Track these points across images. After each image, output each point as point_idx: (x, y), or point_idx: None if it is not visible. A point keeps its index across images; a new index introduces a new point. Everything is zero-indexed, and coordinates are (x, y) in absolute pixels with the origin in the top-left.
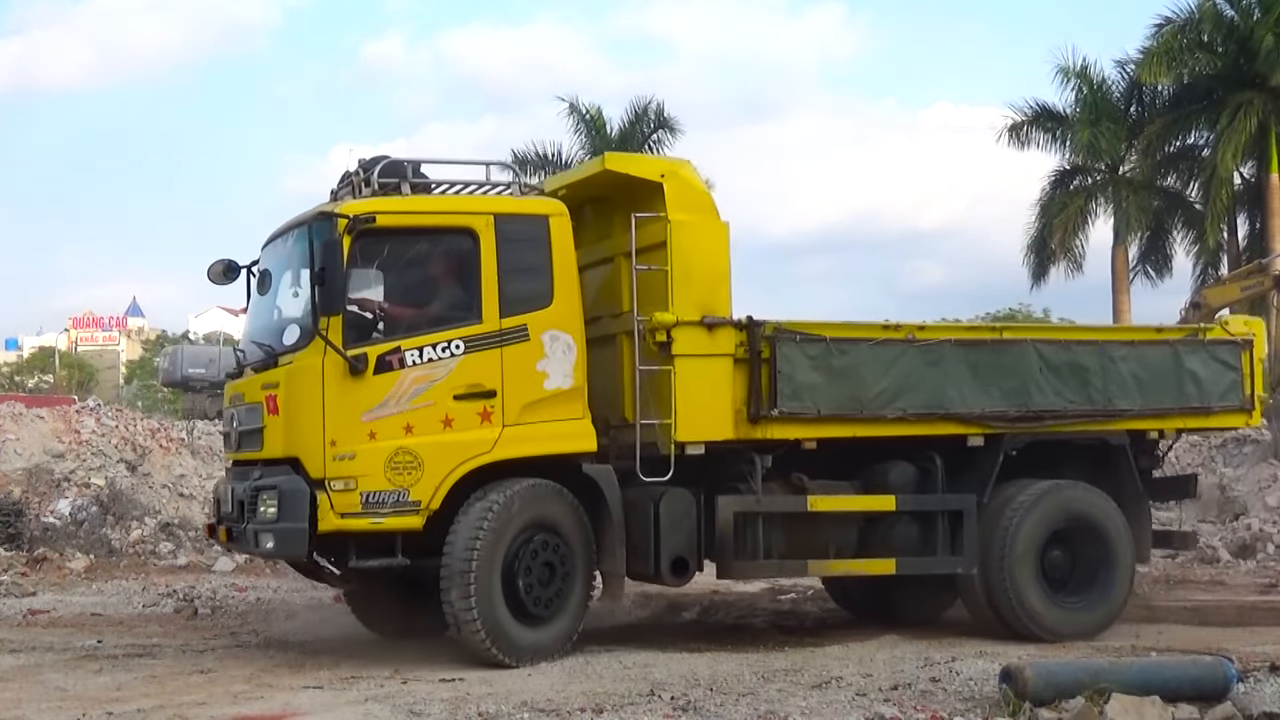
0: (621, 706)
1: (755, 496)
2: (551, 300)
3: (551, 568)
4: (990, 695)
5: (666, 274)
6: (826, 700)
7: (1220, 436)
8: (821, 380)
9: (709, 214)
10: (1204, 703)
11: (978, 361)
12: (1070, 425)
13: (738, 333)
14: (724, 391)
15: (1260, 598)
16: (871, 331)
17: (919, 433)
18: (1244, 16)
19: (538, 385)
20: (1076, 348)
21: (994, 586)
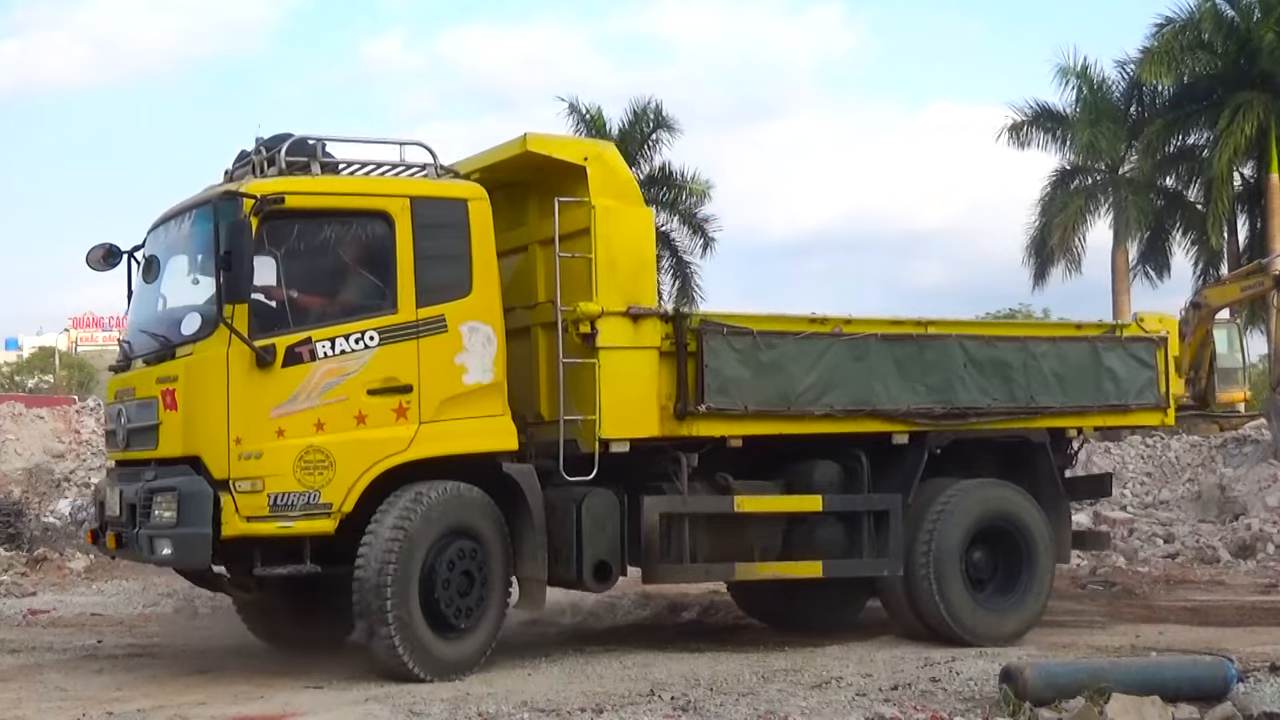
0: (621, 706)
1: (681, 497)
2: (470, 290)
3: (470, 576)
4: (990, 695)
5: (590, 262)
6: (826, 700)
7: (1221, 436)
8: (749, 375)
9: (633, 200)
10: (1204, 703)
11: (903, 357)
12: (994, 423)
13: (663, 324)
14: (649, 386)
15: (1260, 598)
16: (798, 324)
17: (845, 430)
18: (1244, 16)
19: (456, 380)
20: (1000, 344)
21: (917, 589)
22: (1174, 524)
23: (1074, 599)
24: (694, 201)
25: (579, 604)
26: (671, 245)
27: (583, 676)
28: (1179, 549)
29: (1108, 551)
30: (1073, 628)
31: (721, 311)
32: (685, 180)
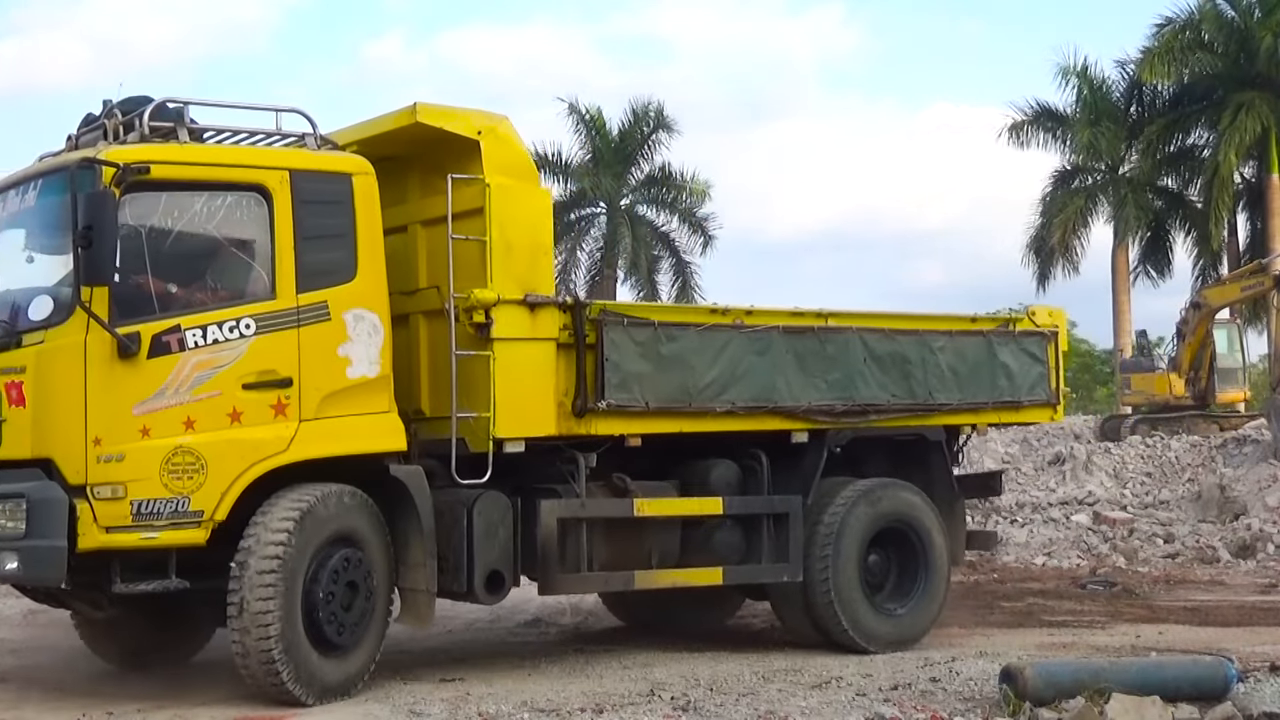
0: (621, 706)
1: (580, 500)
2: (355, 274)
3: (355, 588)
4: (990, 695)
5: (484, 245)
6: (826, 700)
7: (1221, 436)
8: (649, 369)
9: (529, 178)
10: (1204, 703)
11: (804, 351)
12: (893, 420)
13: (561, 314)
14: (547, 381)
15: (1260, 598)
16: (699, 315)
17: (747, 428)
18: (1244, 17)
19: (340, 373)
20: (899, 338)
21: (815, 595)
22: (1174, 524)
23: (1074, 599)
24: (694, 201)
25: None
26: (671, 245)
27: (583, 676)
28: (1179, 549)
29: (992, 551)
30: (1073, 628)
31: (621, 301)
32: (685, 180)
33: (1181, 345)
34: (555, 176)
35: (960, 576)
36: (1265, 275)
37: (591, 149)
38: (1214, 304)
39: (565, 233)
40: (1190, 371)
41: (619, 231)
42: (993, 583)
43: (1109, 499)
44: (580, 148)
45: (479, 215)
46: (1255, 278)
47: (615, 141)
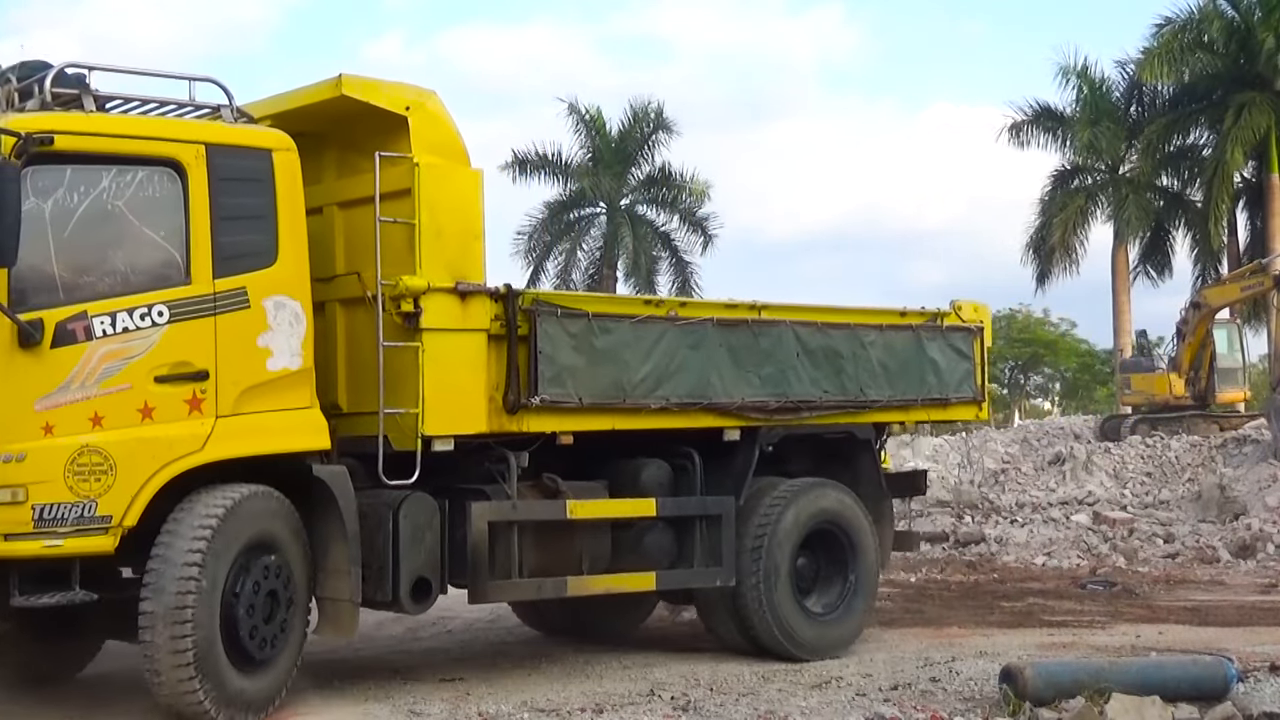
0: (621, 706)
1: (511, 502)
2: (276, 258)
3: (275, 598)
4: (990, 695)
5: (412, 229)
6: (826, 700)
7: (1221, 436)
8: (583, 363)
9: (459, 158)
10: (1204, 703)
11: (738, 345)
12: (825, 417)
13: (493, 304)
14: (477, 375)
15: (1260, 598)
16: (633, 307)
17: (680, 425)
18: (1245, 17)
19: (259, 365)
20: (832, 331)
21: (746, 601)
22: (1174, 524)
23: (1074, 599)
24: (693, 201)
25: None
26: (671, 245)
27: (583, 676)
28: (1179, 549)
29: (915, 552)
30: (1073, 628)
31: (554, 291)
32: (685, 180)
33: (1181, 345)
34: (555, 176)
35: (960, 576)
36: (1265, 275)
37: (591, 149)
38: (1214, 304)
39: (565, 233)
40: (1190, 371)
41: (619, 231)
42: (993, 583)
43: (1109, 499)
44: (580, 148)
45: (407, 197)
46: (1255, 278)
47: (615, 141)
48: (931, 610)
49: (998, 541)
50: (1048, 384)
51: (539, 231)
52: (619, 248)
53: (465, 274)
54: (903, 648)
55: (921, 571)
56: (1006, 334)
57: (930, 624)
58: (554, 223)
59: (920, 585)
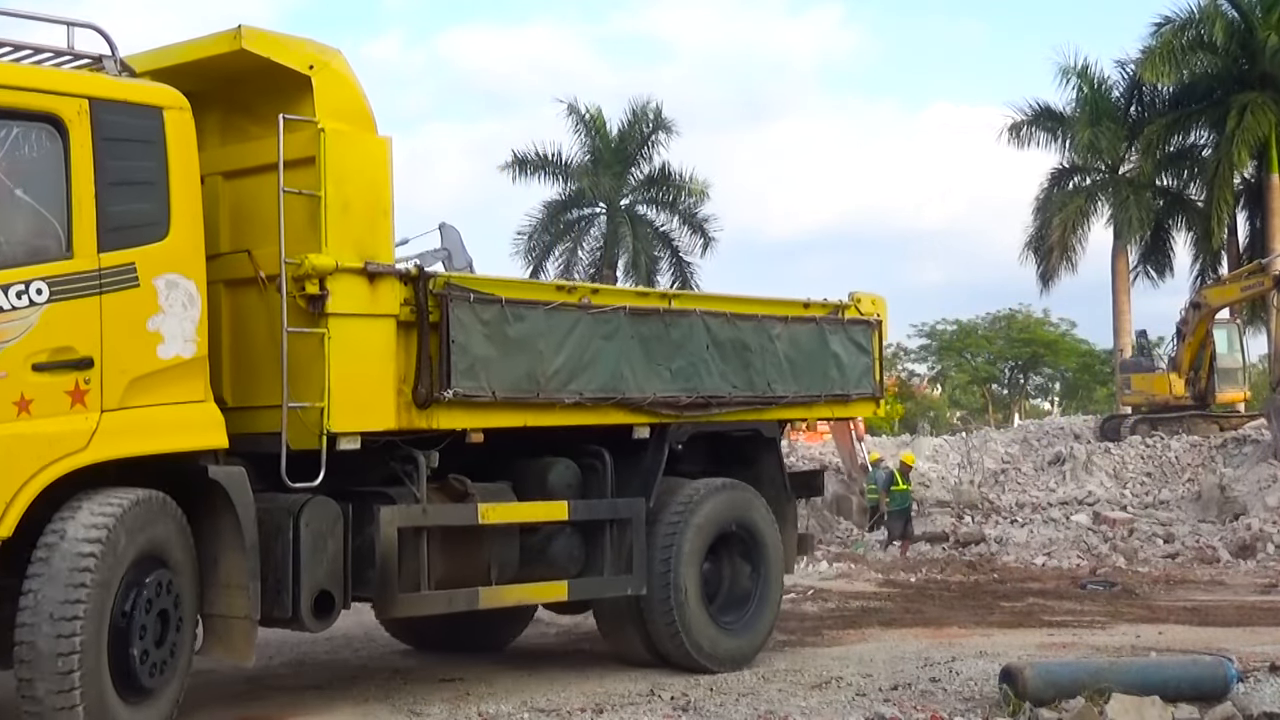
0: (621, 706)
1: (421, 507)
2: (168, 230)
3: (166, 617)
4: (990, 695)
5: (317, 202)
6: (826, 700)
7: (1221, 436)
8: (496, 354)
9: (367, 125)
10: (1204, 703)
11: (649, 336)
12: (734, 414)
13: (403, 287)
14: (386, 365)
15: (1260, 598)
16: (547, 293)
17: (592, 421)
18: (1245, 17)
19: (149, 352)
20: (740, 323)
21: (654, 610)
22: (1174, 524)
23: (1074, 599)
24: (693, 201)
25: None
26: (671, 245)
27: (583, 676)
28: (1179, 549)
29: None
30: (1073, 628)
31: (466, 274)
32: (684, 180)
33: (1181, 345)
34: (555, 176)
35: (960, 576)
36: (1265, 275)
37: (591, 149)
38: (1214, 304)
39: (565, 233)
40: (1190, 371)
41: (619, 231)
42: (993, 583)
43: (1109, 499)
44: (580, 148)
45: (309, 166)
46: (1255, 278)
47: (615, 142)
48: (931, 610)
49: (998, 541)
50: (1048, 384)
51: (539, 231)
52: (619, 248)
53: (373, 253)
54: (903, 648)
55: (921, 571)
56: (1006, 334)
57: (930, 624)
58: (554, 223)
59: (920, 585)
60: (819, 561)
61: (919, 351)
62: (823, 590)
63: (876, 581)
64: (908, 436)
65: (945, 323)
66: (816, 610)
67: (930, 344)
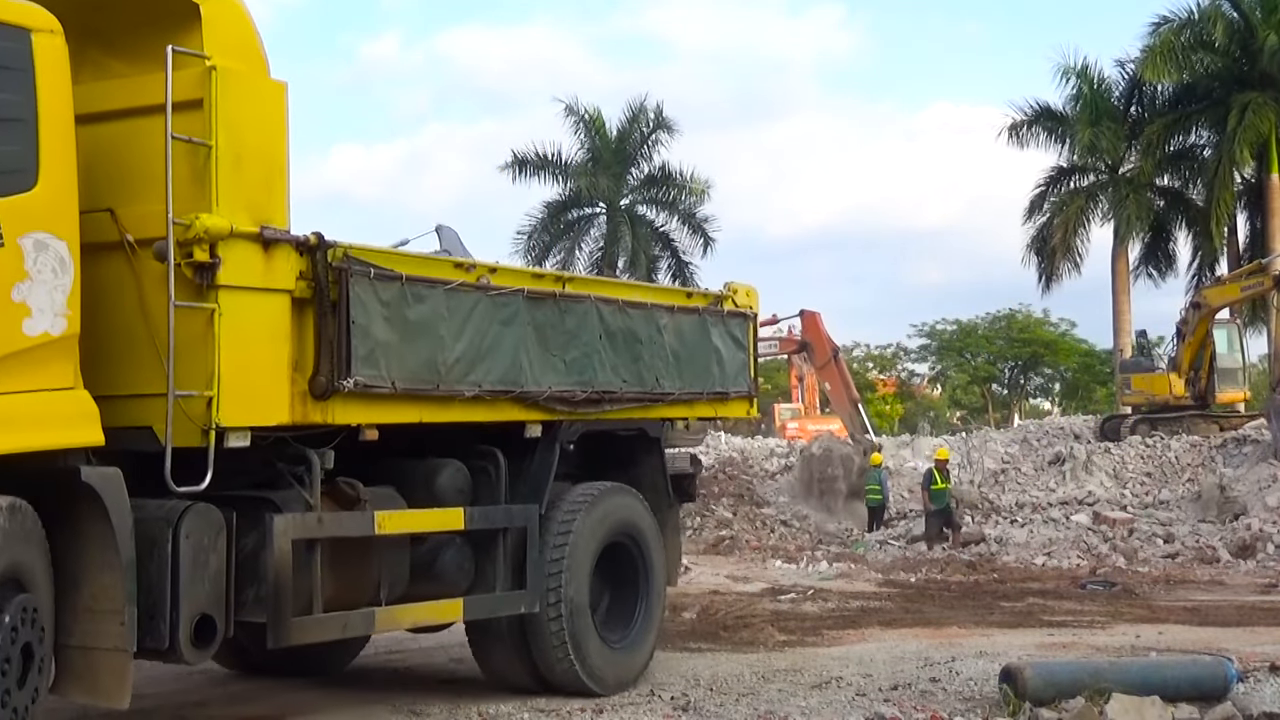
0: (621, 706)
1: (316, 515)
2: (37, 179)
3: (29, 653)
4: (990, 695)
5: (208, 153)
6: (826, 700)
7: (1221, 436)
8: (396, 338)
9: (261, 67)
10: (1204, 703)
11: (544, 322)
12: (623, 411)
13: (299, 258)
14: (281, 349)
15: (1260, 598)
16: (445, 270)
17: (489, 418)
18: (1246, 17)
19: (14, 327)
20: (632, 312)
21: (544, 629)
22: (1174, 524)
23: (1074, 599)
24: (693, 201)
25: None
26: (671, 245)
27: None
28: (1179, 549)
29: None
30: (1073, 628)
31: (365, 245)
32: (684, 180)
33: (1181, 345)
34: (555, 176)
35: (960, 576)
36: (1265, 275)
37: (591, 149)
38: (1214, 304)
39: (565, 232)
40: (1190, 371)
41: (619, 231)
42: (993, 583)
43: (1109, 499)
44: (580, 148)
45: (196, 111)
46: (1255, 278)
47: (614, 142)
48: (931, 610)
49: (998, 541)
50: (1048, 384)
51: (539, 231)
52: (619, 248)
53: (268, 216)
54: (903, 648)
55: (921, 571)
56: (1006, 334)
57: (930, 624)
58: (554, 223)
59: (920, 585)
60: (819, 561)
61: (919, 351)
62: (823, 590)
63: (876, 581)
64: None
65: (945, 323)
66: (816, 610)
67: (930, 344)
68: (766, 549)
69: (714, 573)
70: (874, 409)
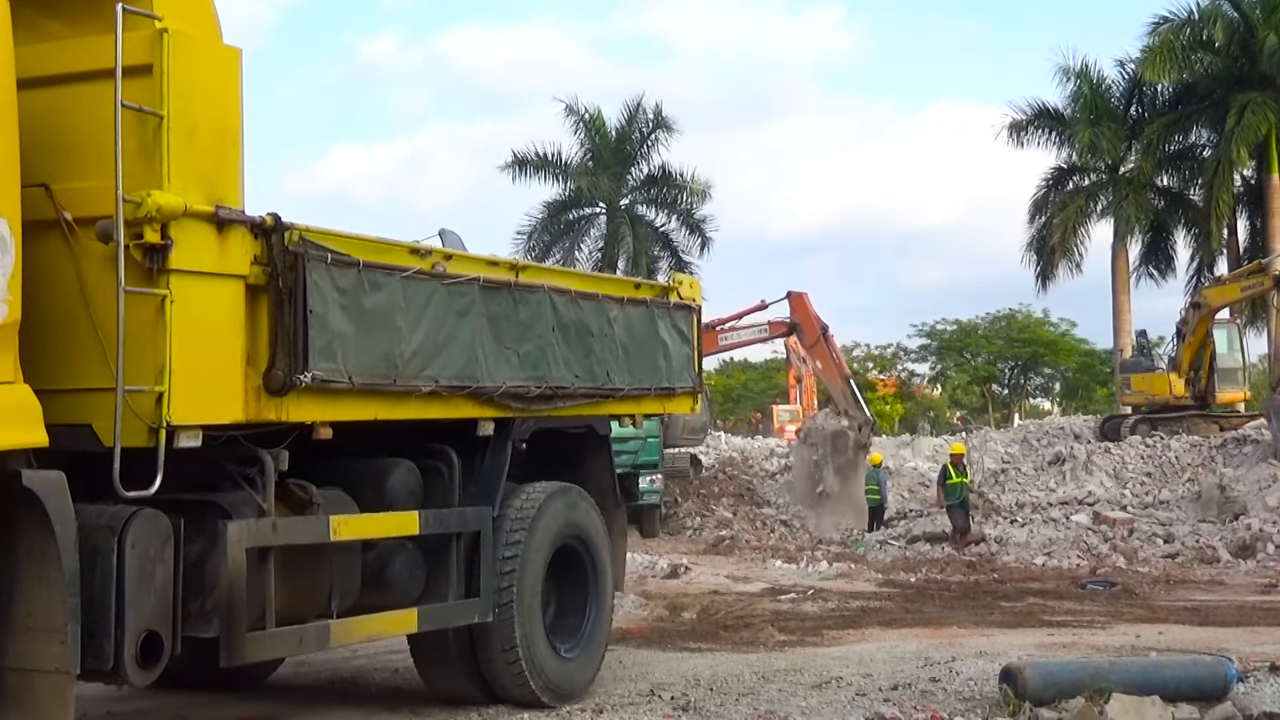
0: (621, 706)
1: (270, 521)
2: None
3: None
4: (990, 695)
5: (159, 124)
6: (826, 700)
7: (1221, 436)
8: (353, 329)
9: (214, 32)
10: (1204, 703)
11: (498, 314)
12: (574, 408)
13: (254, 241)
14: (234, 340)
15: (1260, 598)
16: (401, 256)
17: (444, 415)
18: (1246, 17)
19: None
20: (583, 303)
21: (495, 639)
22: (1174, 524)
23: (1074, 599)
24: (694, 201)
25: None
26: (671, 245)
27: None
28: (1179, 549)
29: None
30: (1073, 628)
31: (321, 228)
32: (685, 180)
33: (1181, 345)
34: (555, 176)
35: (960, 576)
36: (1265, 275)
37: (591, 149)
38: (1214, 304)
39: (565, 233)
40: (1190, 371)
41: (619, 231)
42: (993, 583)
43: (1109, 499)
44: (580, 147)
45: (146, 77)
46: (1255, 278)
47: (614, 142)
48: (931, 610)
49: (998, 541)
50: (1048, 384)
51: (539, 232)
52: (619, 248)
53: (222, 194)
54: (903, 648)
55: (921, 571)
56: (1006, 334)
57: (930, 624)
58: (553, 223)
59: (920, 585)
60: (819, 561)
61: (919, 351)
62: (823, 590)
63: (876, 581)
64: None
65: (945, 323)
66: (816, 610)
67: (930, 344)
68: (766, 549)
69: (714, 573)
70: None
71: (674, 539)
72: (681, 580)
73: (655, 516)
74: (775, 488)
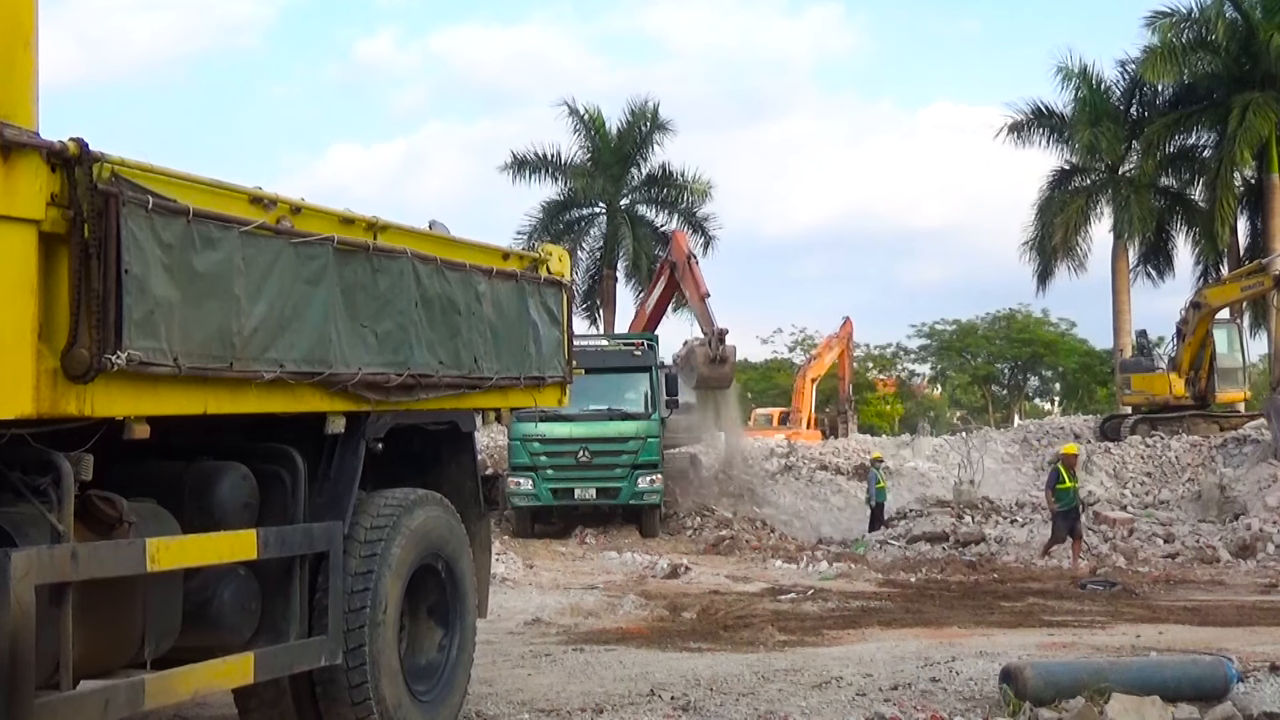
0: (621, 706)
1: (69, 548)
2: None
3: None
4: (990, 695)
5: None
6: (826, 700)
7: (1221, 436)
8: (179, 296)
9: None
10: (1204, 703)
11: (354, 283)
12: (437, 400)
13: (51, 175)
14: (23, 306)
15: (1260, 598)
16: (238, 204)
17: (284, 409)
18: (1246, 17)
19: None
20: (449, 274)
21: (340, 681)
22: (1174, 524)
23: (1074, 599)
24: (695, 201)
25: (579, 604)
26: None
27: (583, 676)
28: (1179, 549)
29: None
30: (1073, 628)
31: (138, 162)
32: (686, 180)
33: (1181, 345)
34: (554, 176)
35: (960, 576)
36: (1265, 275)
37: (590, 149)
38: (1214, 304)
39: (565, 233)
40: (1190, 371)
41: (619, 231)
42: (993, 583)
43: (1109, 499)
44: (580, 148)
45: None
46: (1255, 278)
47: (614, 142)
48: (931, 610)
49: (998, 541)
50: (1048, 384)
51: (538, 232)
52: (619, 248)
53: (10, 110)
54: (903, 648)
55: (921, 571)
56: (1006, 334)
57: (930, 624)
58: (553, 223)
59: (920, 585)
60: (819, 561)
61: (919, 351)
62: (823, 590)
63: (876, 581)
64: (907, 436)
65: (945, 323)
66: (816, 610)
67: (930, 344)
68: (766, 549)
69: (714, 573)
70: (874, 409)
71: (674, 539)
72: (681, 580)
73: (655, 516)
74: (775, 488)
